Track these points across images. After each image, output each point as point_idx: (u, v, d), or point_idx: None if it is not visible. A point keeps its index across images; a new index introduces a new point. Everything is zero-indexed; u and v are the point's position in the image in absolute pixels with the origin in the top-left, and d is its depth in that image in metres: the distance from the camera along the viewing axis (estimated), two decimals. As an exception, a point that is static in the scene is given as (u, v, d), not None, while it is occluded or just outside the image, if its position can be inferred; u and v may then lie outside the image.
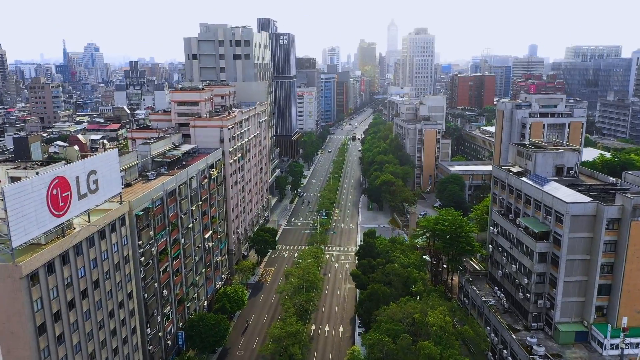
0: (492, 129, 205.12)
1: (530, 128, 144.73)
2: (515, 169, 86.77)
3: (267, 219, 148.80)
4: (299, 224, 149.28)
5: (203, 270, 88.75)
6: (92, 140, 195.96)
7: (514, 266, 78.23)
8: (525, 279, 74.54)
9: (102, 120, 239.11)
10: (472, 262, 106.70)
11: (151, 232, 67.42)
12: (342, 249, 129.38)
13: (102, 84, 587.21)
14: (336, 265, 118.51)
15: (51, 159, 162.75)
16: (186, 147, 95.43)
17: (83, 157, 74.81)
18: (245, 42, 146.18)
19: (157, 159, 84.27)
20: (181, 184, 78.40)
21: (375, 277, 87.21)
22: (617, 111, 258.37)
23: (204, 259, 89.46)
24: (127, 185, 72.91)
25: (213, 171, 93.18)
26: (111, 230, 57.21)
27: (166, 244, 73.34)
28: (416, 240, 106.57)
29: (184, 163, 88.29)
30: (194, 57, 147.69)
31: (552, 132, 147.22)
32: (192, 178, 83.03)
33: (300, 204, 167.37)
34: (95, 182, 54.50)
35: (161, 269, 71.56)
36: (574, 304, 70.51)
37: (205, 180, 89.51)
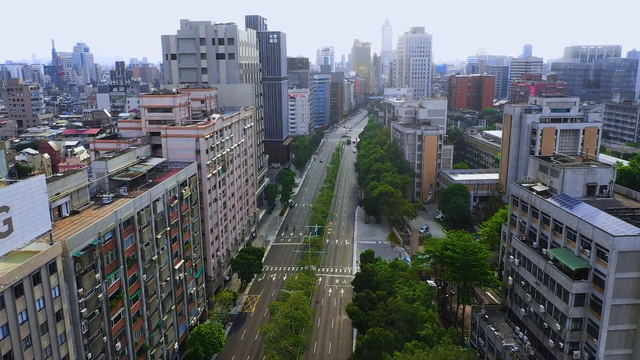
0: (495, 133, 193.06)
1: (541, 134, 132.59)
2: (539, 188, 73.89)
3: (254, 234, 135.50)
4: (289, 239, 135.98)
5: (172, 307, 75.33)
6: (67, 146, 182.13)
7: (541, 306, 65.33)
8: (558, 324, 61.68)
9: (80, 124, 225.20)
10: (486, 291, 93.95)
11: (97, 275, 53.98)
12: (336, 270, 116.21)
13: (90, 85, 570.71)
14: (330, 291, 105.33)
15: (18, 169, 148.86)
16: (154, 162, 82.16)
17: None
18: (230, 40, 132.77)
19: (117, 178, 70.95)
20: (142, 210, 64.97)
21: (376, 315, 74.20)
22: (624, 114, 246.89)
23: (174, 294, 76.04)
24: (74, 213, 59.68)
25: (185, 190, 79.73)
26: (33, 282, 43.78)
27: (120, 285, 59.96)
28: (421, 265, 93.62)
29: (151, 181, 74.98)
30: (173, 56, 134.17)
31: (565, 139, 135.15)
32: (157, 201, 69.61)
33: (285, 229, 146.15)
34: (8, 221, 41.18)
35: (113, 317, 58.13)
36: (621, 358, 57.70)
37: (175, 202, 76.06)
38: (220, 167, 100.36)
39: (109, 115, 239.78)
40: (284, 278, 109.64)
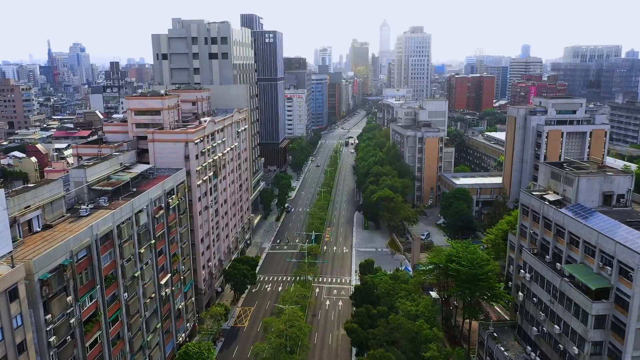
0: (497, 135, 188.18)
1: (547, 137, 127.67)
2: (551, 197, 68.91)
3: (249, 242, 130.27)
4: (285, 247, 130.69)
5: (158, 325, 70.13)
6: (56, 149, 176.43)
7: (556, 327, 60.32)
8: (575, 348, 56.67)
9: (72, 126, 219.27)
10: (492, 304, 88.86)
11: (69, 298, 48.74)
12: (334, 280, 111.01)
13: (86, 86, 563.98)
14: (327, 302, 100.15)
15: (4, 173, 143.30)
16: (139, 169, 76.89)
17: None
18: (223, 39, 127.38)
19: (97, 187, 65.71)
20: (122, 223, 59.73)
21: (377, 334, 69.14)
22: (627, 115, 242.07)
23: (160, 311, 70.84)
24: (47, 227, 54.43)
25: (172, 199, 74.50)
26: (-12, 312, 38.59)
27: (97, 306, 54.69)
28: (424, 278, 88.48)
29: (135, 190, 69.80)
30: (164, 56, 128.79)
31: (571, 142, 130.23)
32: (140, 212, 64.38)
33: (281, 237, 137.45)
34: (-43, 244, 35.91)
35: (88, 343, 52.86)
36: (645, 386, 52.74)
37: (161, 212, 70.82)
38: (212, 173, 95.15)
39: (101, 116, 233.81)
40: (279, 289, 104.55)
